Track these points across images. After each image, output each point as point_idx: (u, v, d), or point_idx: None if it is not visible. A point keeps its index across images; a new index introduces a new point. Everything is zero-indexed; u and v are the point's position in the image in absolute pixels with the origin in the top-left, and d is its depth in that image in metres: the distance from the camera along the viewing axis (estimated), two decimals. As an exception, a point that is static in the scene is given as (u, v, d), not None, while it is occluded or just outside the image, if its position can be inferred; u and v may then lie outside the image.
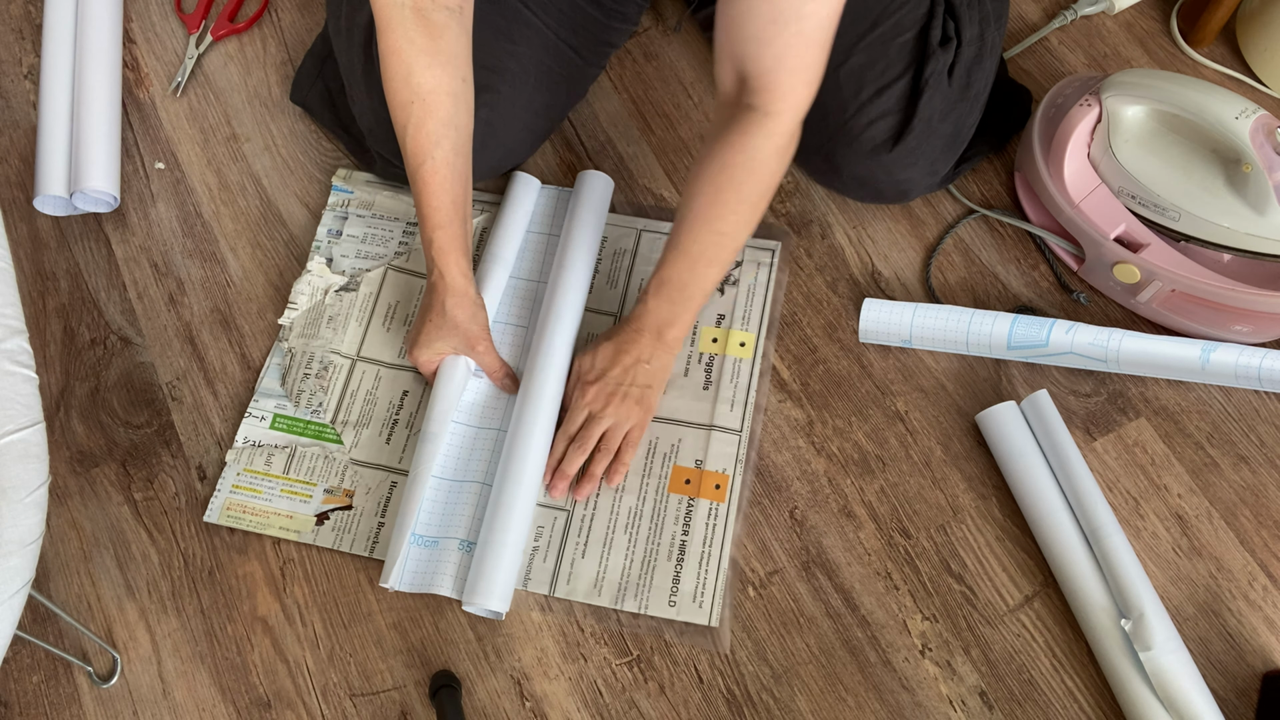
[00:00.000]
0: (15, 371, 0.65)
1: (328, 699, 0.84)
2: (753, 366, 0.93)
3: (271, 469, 0.91)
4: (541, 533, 0.87)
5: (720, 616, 0.84)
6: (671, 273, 0.86)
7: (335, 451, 0.91)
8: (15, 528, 0.62)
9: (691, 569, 0.85)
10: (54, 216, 1.04)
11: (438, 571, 0.84)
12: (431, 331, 0.88)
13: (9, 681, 0.85)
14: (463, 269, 0.87)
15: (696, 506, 0.88)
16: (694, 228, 0.83)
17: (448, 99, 0.82)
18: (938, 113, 0.90)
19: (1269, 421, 0.90)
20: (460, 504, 0.87)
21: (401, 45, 0.79)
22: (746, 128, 0.78)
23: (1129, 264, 0.90)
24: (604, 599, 0.85)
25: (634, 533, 0.87)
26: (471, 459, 0.90)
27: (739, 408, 0.91)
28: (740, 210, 0.82)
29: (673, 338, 0.88)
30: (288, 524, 0.89)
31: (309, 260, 0.99)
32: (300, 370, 0.94)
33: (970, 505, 0.88)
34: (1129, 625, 0.78)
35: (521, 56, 0.94)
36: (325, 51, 1.08)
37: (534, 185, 1.01)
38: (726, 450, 0.90)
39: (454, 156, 0.84)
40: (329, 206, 1.03)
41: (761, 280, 0.97)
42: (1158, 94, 0.88)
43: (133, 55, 1.13)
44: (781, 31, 0.73)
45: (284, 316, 0.97)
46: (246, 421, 0.93)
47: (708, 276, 0.85)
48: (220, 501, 0.90)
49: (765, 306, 0.96)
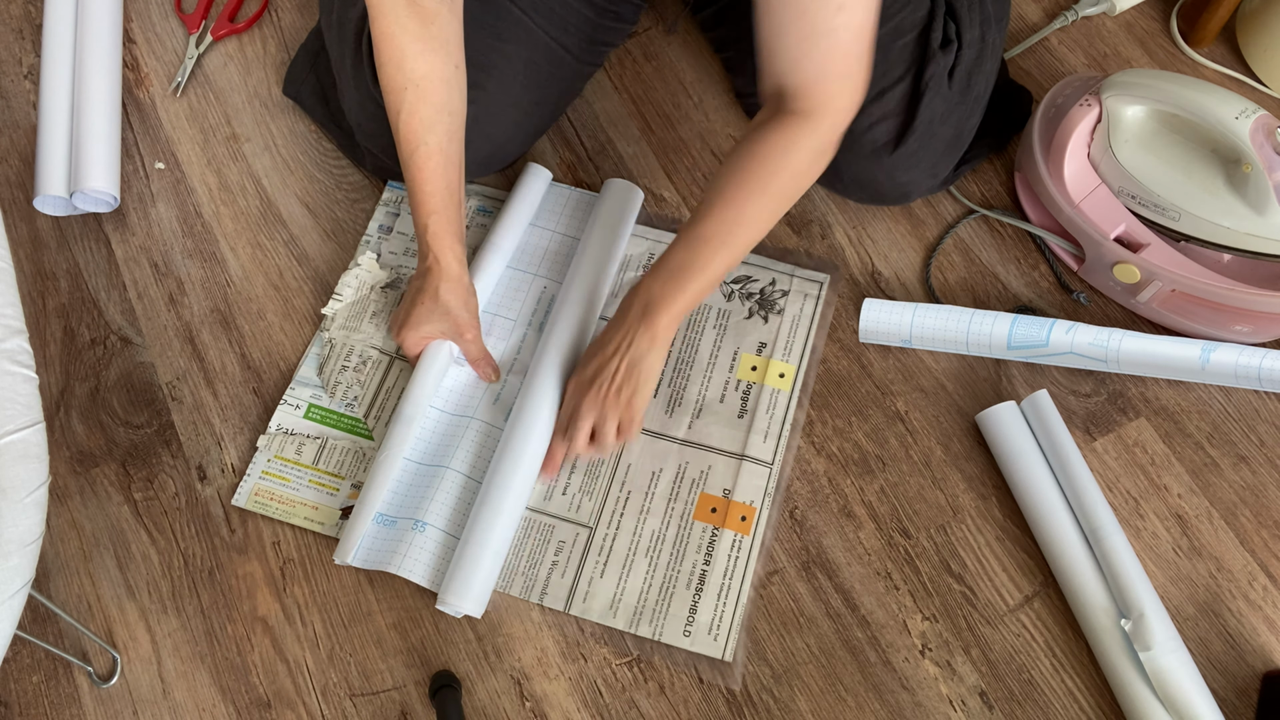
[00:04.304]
0: (15, 371, 0.65)
1: (328, 699, 0.84)
2: (790, 399, 0.91)
3: (302, 458, 0.91)
4: (562, 548, 0.87)
5: (734, 652, 0.83)
6: (672, 252, 0.83)
7: (366, 447, 0.91)
8: (15, 528, 0.62)
9: (710, 600, 0.84)
10: (54, 216, 1.04)
11: (394, 551, 0.84)
12: (421, 315, 0.88)
13: (9, 681, 0.85)
14: (457, 255, 0.87)
15: (720, 537, 0.87)
16: (709, 210, 0.82)
17: (441, 85, 0.82)
18: (938, 115, 0.90)
19: (1269, 421, 0.90)
20: (424, 487, 0.87)
21: (394, 31, 0.80)
22: (787, 126, 0.78)
23: (1129, 264, 0.90)
24: (619, 621, 0.84)
25: (655, 557, 0.86)
26: (442, 445, 0.90)
27: (772, 439, 0.90)
28: (762, 200, 0.80)
29: (661, 324, 0.83)
30: (312, 515, 0.89)
31: (359, 254, 0.99)
32: (339, 362, 0.94)
33: (970, 505, 0.88)
34: (1129, 625, 0.78)
35: (509, 54, 0.94)
36: (318, 46, 1.08)
37: (545, 177, 1.01)
38: (756, 482, 0.88)
39: (447, 142, 0.84)
40: (382, 202, 1.03)
41: (807, 312, 0.95)
42: (1158, 94, 0.88)
43: (133, 55, 1.13)
44: (815, 46, 0.73)
45: (328, 306, 0.97)
46: (281, 408, 0.93)
47: (711, 261, 0.82)
48: (249, 487, 0.90)
49: (809, 339, 0.94)
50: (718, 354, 0.94)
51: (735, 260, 0.83)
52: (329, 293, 0.99)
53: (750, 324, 0.95)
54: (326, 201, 1.04)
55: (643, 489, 0.89)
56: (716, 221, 0.81)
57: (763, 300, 0.96)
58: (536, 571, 0.86)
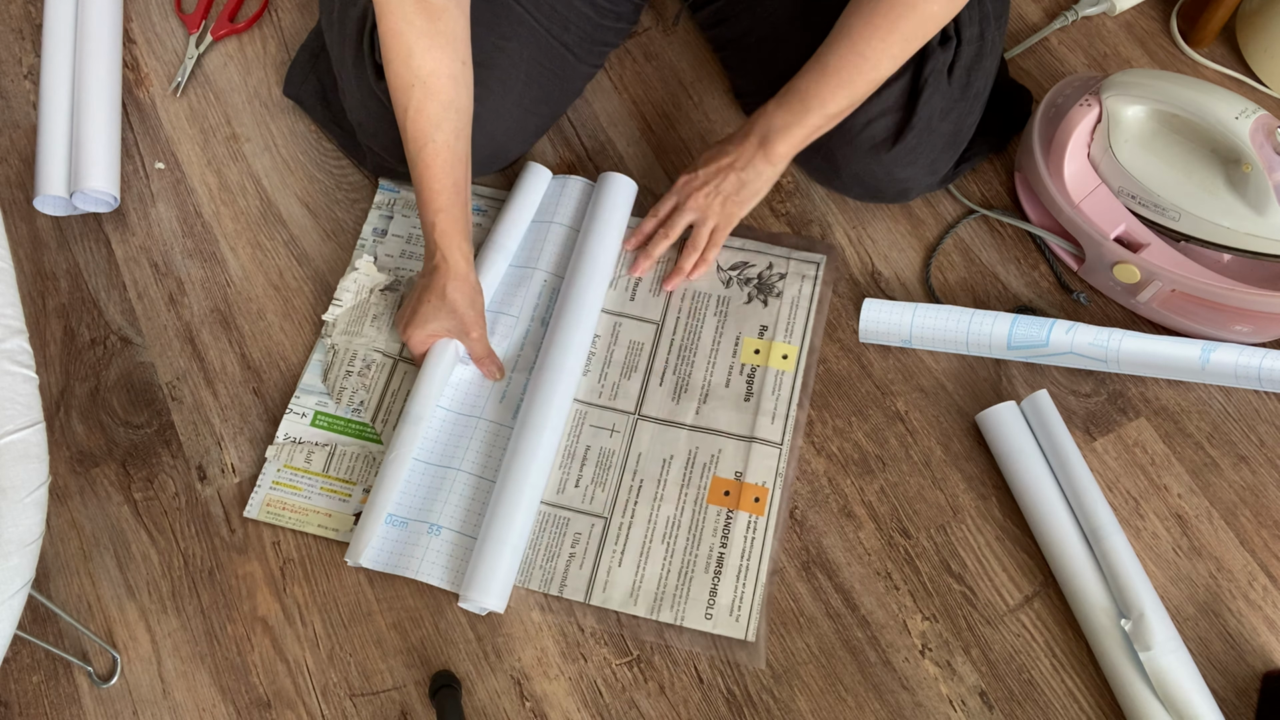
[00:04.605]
0: (15, 371, 0.65)
1: (328, 699, 0.84)
2: (794, 380, 0.92)
3: (312, 466, 0.91)
4: (579, 539, 0.87)
5: (757, 631, 0.83)
6: (800, 81, 0.85)
7: (375, 451, 0.91)
8: (15, 528, 0.62)
9: (729, 582, 0.85)
10: (54, 216, 1.04)
11: (408, 554, 0.84)
12: (428, 313, 0.88)
13: (9, 681, 0.85)
14: (464, 253, 0.87)
15: (735, 519, 0.87)
16: (837, 45, 0.83)
17: (448, 82, 0.82)
18: (937, 112, 0.90)
19: (1269, 421, 0.90)
20: (434, 489, 0.87)
21: (401, 27, 0.79)
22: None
23: (1129, 264, 0.90)
24: (640, 609, 0.84)
25: (671, 542, 0.87)
26: (450, 445, 0.90)
27: (780, 420, 0.91)
28: (889, 40, 0.81)
29: (779, 152, 0.87)
30: (326, 521, 0.89)
31: (355, 258, 0.99)
32: (343, 367, 0.94)
33: (970, 505, 0.88)
34: (1129, 625, 0.78)
35: (511, 52, 0.94)
36: (318, 46, 1.08)
37: (544, 176, 1.01)
38: (767, 463, 0.89)
39: (455, 140, 0.84)
40: (375, 205, 1.03)
41: (806, 293, 0.96)
42: (1158, 94, 0.88)
43: (133, 55, 1.13)
44: None
45: (328, 312, 0.97)
46: (288, 418, 0.93)
47: (834, 96, 0.84)
48: (260, 498, 0.90)
49: (809, 320, 0.95)
50: (720, 340, 0.94)
51: (857, 100, 0.85)
52: (329, 293, 0.99)
53: (750, 309, 0.96)
54: (326, 201, 1.04)
55: (655, 476, 0.89)
56: (841, 59, 0.82)
57: (761, 284, 0.96)
58: (554, 564, 0.86)
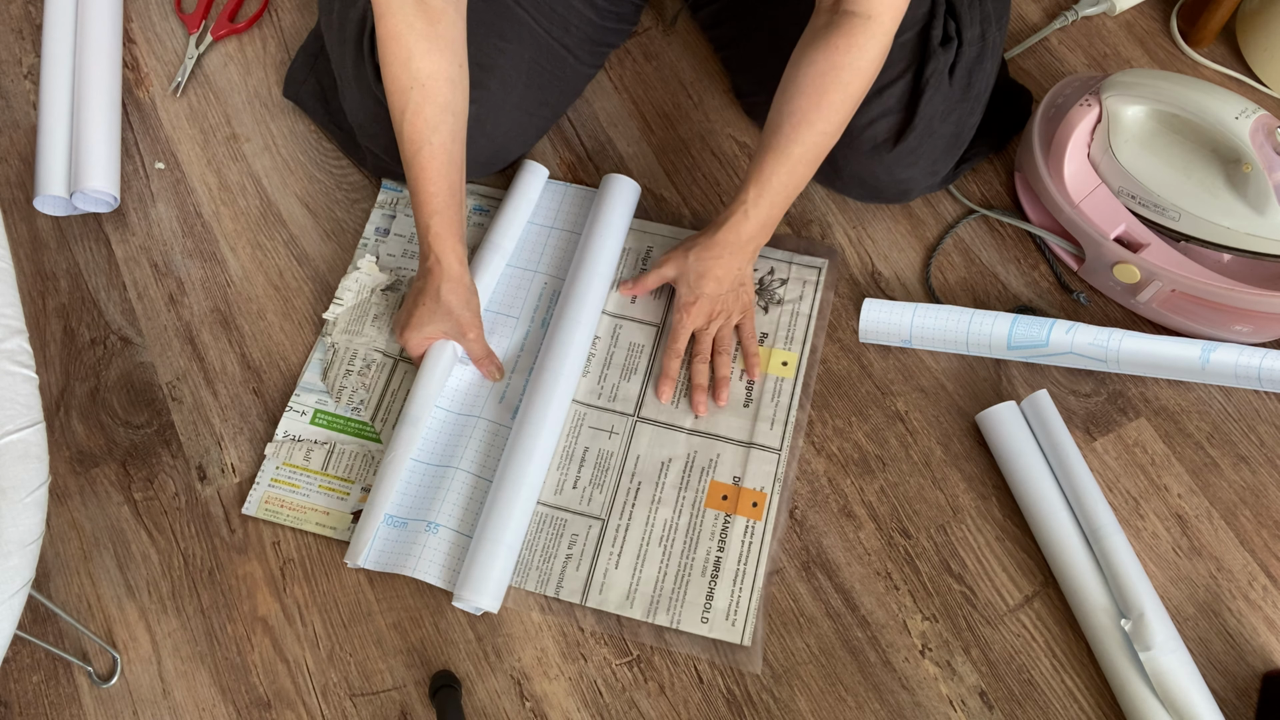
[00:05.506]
0: (15, 371, 0.65)
1: (328, 699, 0.84)
2: (794, 386, 0.92)
3: (310, 464, 0.91)
4: (575, 541, 0.87)
5: (753, 636, 0.83)
6: (773, 178, 0.85)
7: (374, 450, 0.91)
8: (15, 528, 0.62)
9: (725, 586, 0.85)
10: (54, 216, 1.04)
11: (406, 553, 0.84)
12: (424, 315, 0.88)
13: (9, 681, 0.85)
14: (459, 255, 0.87)
15: (733, 523, 0.87)
16: (797, 129, 0.83)
17: (446, 85, 0.82)
18: (938, 113, 0.90)
19: (1269, 421, 0.90)
20: (433, 488, 0.87)
21: (401, 30, 0.80)
22: (850, 31, 0.79)
23: (1129, 264, 0.90)
24: (636, 611, 0.84)
25: (668, 546, 0.87)
26: (450, 445, 0.90)
27: (779, 426, 0.91)
28: (842, 111, 0.82)
29: (757, 245, 0.89)
30: (324, 520, 0.89)
31: (357, 257, 1.00)
32: (343, 366, 0.95)
33: (970, 505, 0.88)
34: (1129, 625, 0.78)
35: (512, 54, 0.94)
36: (318, 47, 1.08)
37: (541, 175, 1.01)
38: (765, 469, 0.89)
39: (451, 143, 0.84)
40: (378, 204, 1.03)
41: (807, 298, 0.96)
42: (1158, 94, 0.88)
43: (133, 55, 1.13)
44: None
45: (329, 311, 0.97)
46: (287, 416, 0.93)
47: (803, 180, 0.86)
48: (259, 495, 0.90)
49: (810, 326, 0.95)
50: None
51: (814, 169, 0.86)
52: (329, 293, 0.99)
53: None
54: (326, 201, 1.04)
55: (653, 479, 0.89)
56: (806, 144, 0.83)
57: (762, 290, 0.96)
58: (551, 565, 0.86)
